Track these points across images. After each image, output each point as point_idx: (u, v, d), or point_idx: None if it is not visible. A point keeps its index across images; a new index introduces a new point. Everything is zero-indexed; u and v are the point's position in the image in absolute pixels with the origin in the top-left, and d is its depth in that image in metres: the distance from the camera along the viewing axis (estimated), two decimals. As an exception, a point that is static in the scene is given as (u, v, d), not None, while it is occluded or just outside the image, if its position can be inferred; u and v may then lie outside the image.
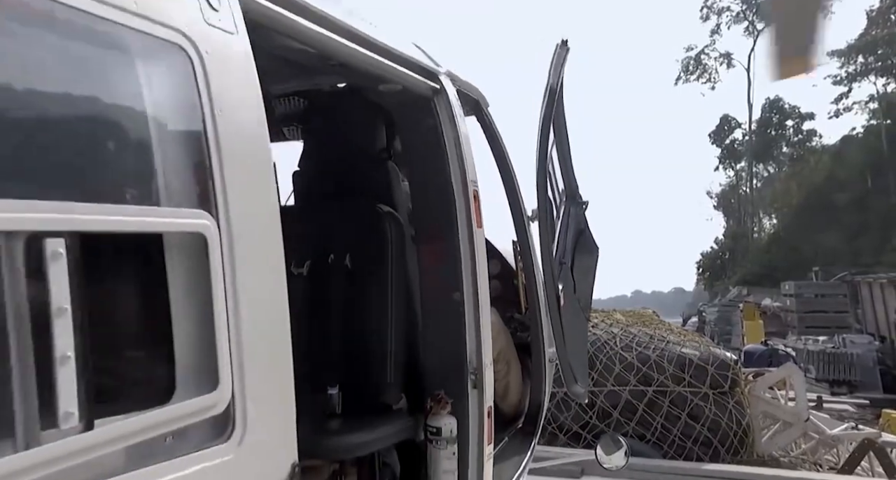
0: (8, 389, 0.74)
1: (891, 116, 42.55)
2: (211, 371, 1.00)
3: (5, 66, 0.82)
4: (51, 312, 0.77)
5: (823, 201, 44.06)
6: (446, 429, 1.96)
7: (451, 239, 2.02)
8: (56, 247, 0.77)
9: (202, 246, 1.00)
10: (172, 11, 1.01)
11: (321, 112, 2.22)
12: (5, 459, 0.71)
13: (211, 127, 1.05)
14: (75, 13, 0.86)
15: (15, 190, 0.77)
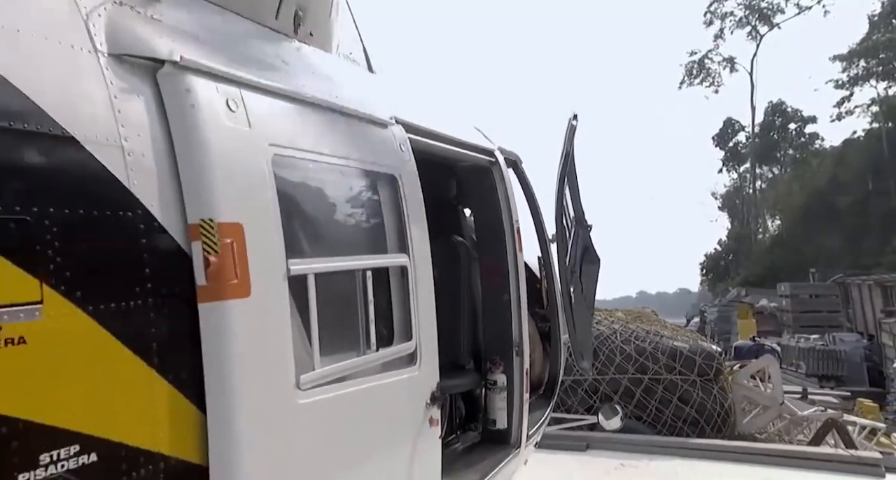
0: (358, 336, 1.86)
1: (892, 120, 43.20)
2: (409, 333, 2.11)
3: (327, 192, 1.93)
4: (367, 300, 1.89)
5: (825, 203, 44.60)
6: (500, 382, 3.06)
7: (501, 259, 3.14)
8: (366, 273, 1.89)
9: (404, 271, 2.11)
10: (390, 159, 2.13)
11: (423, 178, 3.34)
12: (359, 359, 1.83)
13: (405, 212, 2.16)
14: (349, 164, 1.97)
15: (345, 251, 1.88)
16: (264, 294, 1.48)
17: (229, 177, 1.43)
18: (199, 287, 1.36)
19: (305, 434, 1.59)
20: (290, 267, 1.58)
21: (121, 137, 1.26)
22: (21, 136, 1.12)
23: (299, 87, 1.79)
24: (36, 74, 1.16)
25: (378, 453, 1.96)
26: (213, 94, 1.45)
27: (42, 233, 1.10)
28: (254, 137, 1.52)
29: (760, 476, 6.15)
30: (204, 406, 1.36)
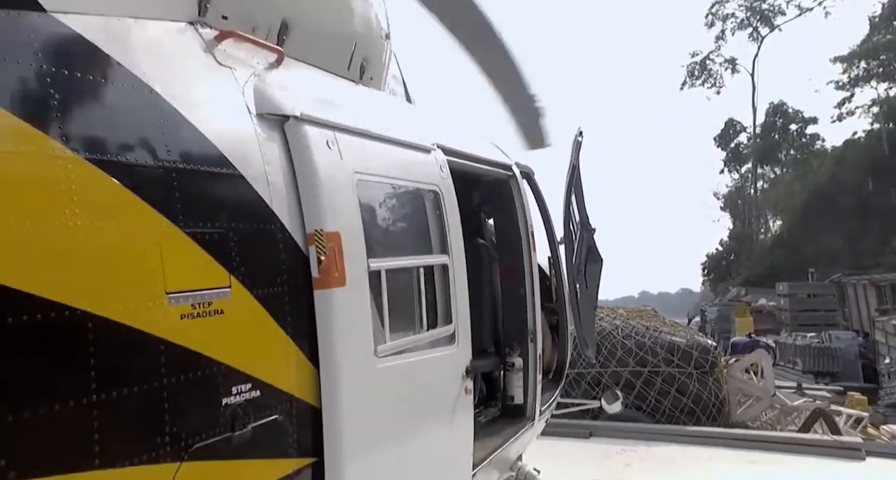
0: (413, 319, 2.40)
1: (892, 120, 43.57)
2: (449, 317, 2.65)
3: (391, 205, 2.46)
4: (420, 291, 2.43)
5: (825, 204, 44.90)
6: (517, 364, 3.60)
7: (518, 259, 3.68)
8: (419, 269, 2.43)
9: (446, 268, 2.65)
10: (433, 178, 2.66)
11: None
12: (415, 336, 2.37)
13: (446, 220, 2.70)
14: (405, 184, 2.50)
15: (404, 252, 2.42)
16: (354, 284, 2.00)
17: (331, 198, 1.95)
18: (315, 278, 1.88)
19: (380, 390, 2.12)
20: (369, 264, 2.10)
21: (266, 173, 1.79)
22: (212, 174, 1.64)
23: (369, 125, 2.32)
24: (218, 129, 1.68)
25: (429, 410, 2.49)
26: (318, 137, 1.97)
27: (229, 239, 1.63)
28: (344, 167, 2.05)
29: (749, 460, 6.68)
30: (318, 364, 1.88)
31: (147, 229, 1.43)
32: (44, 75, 1.30)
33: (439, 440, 2.60)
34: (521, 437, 3.59)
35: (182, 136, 1.57)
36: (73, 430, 1.26)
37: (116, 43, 1.48)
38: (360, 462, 1.97)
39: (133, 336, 1.36)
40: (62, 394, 1.24)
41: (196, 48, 1.78)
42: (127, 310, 1.35)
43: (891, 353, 13.87)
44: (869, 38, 44.80)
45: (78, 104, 1.36)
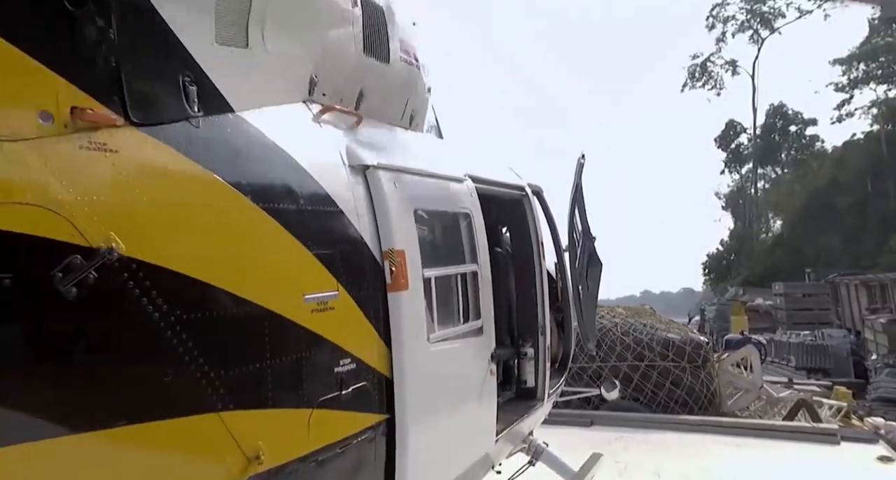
0: (453, 314, 3.12)
1: (891, 122, 44.10)
2: (478, 314, 3.36)
3: (437, 227, 3.17)
4: (458, 292, 3.14)
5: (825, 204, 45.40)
6: (529, 353, 4.30)
7: (529, 265, 4.38)
8: (457, 276, 3.14)
9: (475, 274, 3.36)
10: (466, 203, 3.37)
11: None
12: (454, 328, 3.08)
13: (475, 236, 3.39)
14: (446, 209, 3.21)
15: (446, 263, 3.13)
16: (413, 288, 2.69)
17: (397, 224, 2.64)
18: (388, 284, 2.57)
19: (431, 367, 2.80)
20: (423, 273, 2.79)
21: (355, 208, 2.48)
22: (324, 212, 2.33)
23: (419, 165, 3.01)
24: (327, 179, 2.37)
25: (464, 385, 3.18)
26: (388, 179, 2.66)
27: (337, 257, 2.32)
28: (406, 201, 2.74)
29: (736, 445, 7.38)
30: (390, 346, 2.57)
31: (292, 253, 2.13)
32: (236, 153, 2.01)
33: (472, 409, 3.30)
34: (533, 415, 4.29)
35: (307, 185, 2.26)
36: (258, 384, 1.96)
37: (269, 124, 2.17)
38: (418, 420, 2.66)
39: (287, 323, 2.06)
40: (256, 359, 1.95)
41: (309, 120, 2.47)
42: (284, 306, 2.05)
43: (878, 350, 14.55)
44: (868, 40, 45.28)
45: (250, 171, 2.05)
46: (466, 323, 3.23)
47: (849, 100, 46.41)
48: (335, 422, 2.26)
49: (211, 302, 1.82)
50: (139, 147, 1.71)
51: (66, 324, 1.51)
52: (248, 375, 1.93)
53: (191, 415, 1.76)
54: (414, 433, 2.63)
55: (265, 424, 1.97)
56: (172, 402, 1.73)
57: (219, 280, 1.84)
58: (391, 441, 2.56)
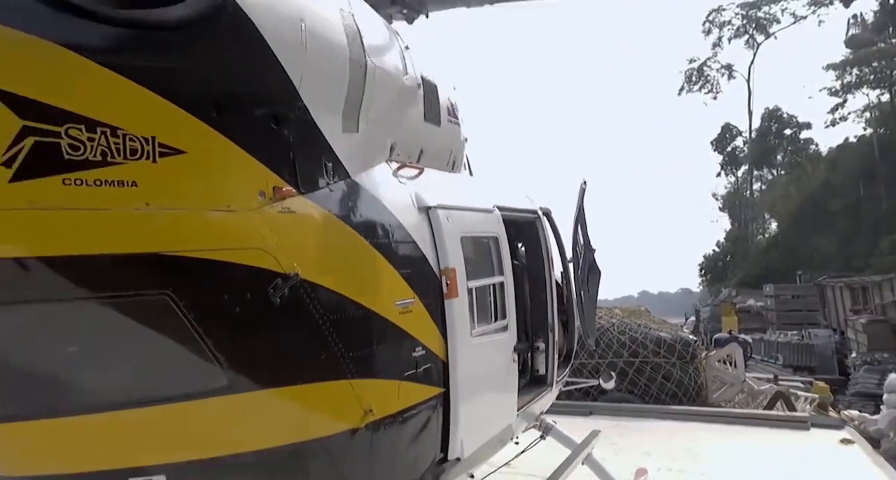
0: (487, 315, 4.11)
1: (883, 126, 45.17)
2: (505, 315, 4.35)
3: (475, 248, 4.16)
4: (490, 298, 4.14)
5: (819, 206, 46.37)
6: (541, 347, 5.29)
7: (540, 275, 5.37)
8: (488, 286, 4.14)
9: (502, 284, 4.36)
10: (495, 229, 4.37)
11: None
12: (488, 326, 4.08)
13: (501, 254, 4.39)
14: (481, 235, 4.20)
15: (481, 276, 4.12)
16: (462, 296, 3.66)
17: (451, 249, 3.61)
18: (445, 293, 3.54)
19: (474, 355, 3.77)
20: (467, 284, 3.76)
21: (423, 237, 3.45)
22: (405, 242, 3.31)
23: (462, 202, 4.00)
24: (405, 218, 3.34)
25: (495, 370, 4.16)
26: (444, 215, 3.63)
27: (413, 274, 3.29)
28: (455, 230, 3.71)
29: (718, 431, 8.41)
30: (446, 339, 3.54)
31: (388, 273, 3.11)
32: (352, 205, 3.00)
33: (500, 388, 4.27)
34: (544, 397, 5.27)
35: (393, 223, 3.23)
36: (371, 362, 2.94)
37: (369, 182, 3.15)
38: (464, 393, 3.63)
39: (386, 322, 3.04)
40: (370, 345, 2.93)
41: (390, 175, 3.45)
42: (385, 310, 3.02)
43: (859, 348, 15.60)
44: (861, 45, 46.26)
45: (362, 216, 3.02)
46: (496, 323, 4.20)
47: (842, 104, 47.55)
48: (413, 391, 3.24)
49: (346, 308, 2.80)
50: (304, 208, 2.68)
51: (275, 320, 2.49)
52: (365, 356, 2.91)
53: (334, 380, 2.75)
54: (462, 403, 3.61)
55: (374, 389, 2.94)
56: (325, 371, 2.71)
57: (350, 293, 2.81)
58: (447, 408, 3.54)
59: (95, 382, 2.21)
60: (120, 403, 2.23)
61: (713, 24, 50.70)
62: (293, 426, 2.62)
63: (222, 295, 2.35)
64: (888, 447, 9.82)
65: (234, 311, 2.38)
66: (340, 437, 2.79)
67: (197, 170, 2.31)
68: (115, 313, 2.17)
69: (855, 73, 46.62)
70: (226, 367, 2.34)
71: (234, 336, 2.39)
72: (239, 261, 2.39)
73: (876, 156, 44.51)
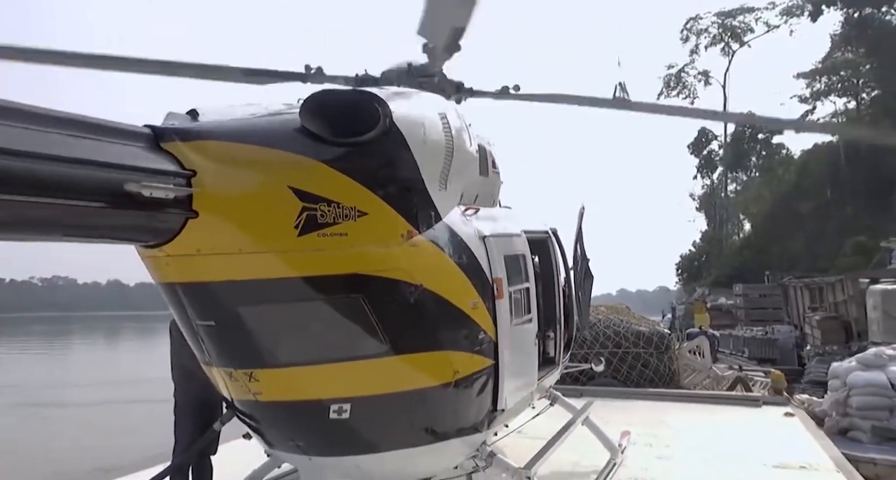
0: (521, 311, 5.85)
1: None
2: (530, 310, 6.08)
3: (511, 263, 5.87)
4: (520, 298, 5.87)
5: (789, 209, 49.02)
6: (551, 336, 7.02)
7: (551, 280, 7.11)
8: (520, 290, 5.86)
9: (528, 289, 6.08)
10: (523, 249, 6.10)
11: None
12: (520, 318, 5.82)
13: (528, 267, 6.13)
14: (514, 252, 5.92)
15: (515, 284, 5.85)
16: (506, 297, 5.33)
17: (497, 265, 5.27)
18: (496, 295, 5.20)
19: (514, 337, 5.45)
20: (508, 289, 5.44)
21: (483, 257, 5.10)
22: (473, 261, 4.96)
23: (502, 229, 5.68)
24: (472, 244, 4.99)
25: (525, 350, 5.85)
26: (493, 241, 5.28)
27: (477, 283, 4.95)
28: (500, 251, 5.37)
29: (687, 409, 10.26)
30: (497, 326, 5.20)
31: (466, 283, 4.77)
32: (445, 238, 4.65)
33: (528, 364, 5.96)
34: (552, 374, 6.99)
35: (466, 248, 4.88)
36: (458, 340, 4.60)
37: (451, 221, 4.80)
38: (507, 365, 5.30)
39: (466, 315, 4.68)
40: (457, 329, 4.59)
41: (461, 215, 5.08)
42: (466, 307, 4.68)
43: (813, 342, 17.73)
44: (830, 55, 48.98)
45: (450, 245, 4.68)
46: (525, 316, 5.89)
47: (811, 111, 50.16)
48: (479, 361, 4.91)
49: (445, 305, 4.47)
50: (422, 242, 4.32)
51: (411, 313, 4.15)
52: (454, 336, 4.58)
53: (438, 351, 4.42)
54: (505, 371, 5.29)
55: (458, 358, 4.60)
56: (434, 345, 4.38)
57: (447, 295, 4.49)
58: (497, 374, 5.21)
59: (321, 348, 3.89)
60: (332, 359, 3.91)
61: (691, 31, 53.19)
62: (417, 377, 4.31)
63: (387, 297, 4.03)
64: (830, 424, 11.79)
65: (393, 307, 4.06)
66: (442, 386, 4.48)
67: (374, 224, 3.97)
68: (336, 309, 3.84)
69: (824, 82, 49.17)
70: (387, 340, 4.02)
71: (393, 322, 4.07)
72: (394, 277, 4.07)
73: (842, 162, 47.04)
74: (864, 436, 11.14)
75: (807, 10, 48.32)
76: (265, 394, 3.95)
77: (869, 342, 14.28)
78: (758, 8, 52.04)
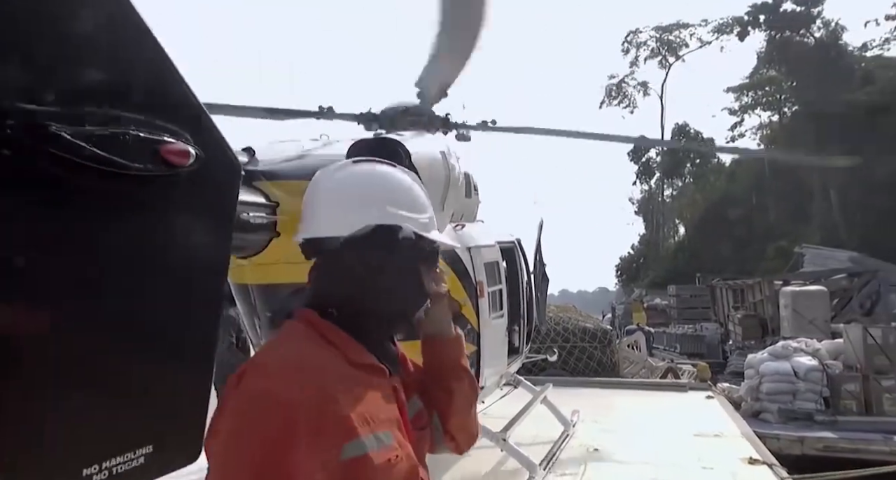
0: (495, 307, 7.29)
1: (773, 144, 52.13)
2: (502, 307, 7.51)
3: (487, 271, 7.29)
4: (495, 297, 7.31)
5: (719, 215, 52.72)
6: (516, 329, 8.47)
7: (516, 282, 8.56)
8: (494, 290, 7.30)
9: (501, 290, 7.52)
10: (496, 256, 7.52)
11: None
12: (494, 313, 7.25)
13: (501, 272, 7.56)
14: (489, 260, 7.33)
15: (492, 285, 7.27)
16: (486, 296, 6.70)
17: (479, 270, 6.63)
18: (479, 295, 6.55)
19: (492, 329, 6.82)
20: (487, 290, 6.80)
21: (469, 264, 6.46)
22: (462, 268, 6.31)
23: (482, 241, 7.05)
24: (461, 254, 6.35)
25: (499, 339, 7.23)
26: (476, 251, 6.65)
27: (466, 286, 6.30)
28: (482, 259, 6.74)
29: (626, 394, 11.94)
30: (479, 320, 6.55)
31: (458, 285, 6.10)
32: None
33: (501, 351, 7.35)
34: (516, 362, 8.43)
35: (457, 257, 6.23)
36: None
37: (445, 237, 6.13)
38: (486, 351, 6.67)
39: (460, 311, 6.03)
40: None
41: (453, 231, 6.43)
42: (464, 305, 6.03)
43: (735, 338, 20.04)
44: (756, 71, 53.06)
45: (446, 255, 5.99)
46: (498, 312, 7.29)
47: (739, 123, 54.10)
48: (468, 346, 6.26)
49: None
50: None
51: None
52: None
53: None
54: (485, 356, 6.66)
55: None
56: None
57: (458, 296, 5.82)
58: (479, 358, 6.58)
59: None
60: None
61: (631, 44, 56.40)
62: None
63: None
64: (745, 408, 13.80)
65: None
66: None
67: None
68: None
69: (750, 96, 53.18)
70: None
71: None
72: None
73: (766, 171, 51.00)
74: (771, 417, 13.17)
75: (735, 29, 52.20)
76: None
77: (780, 337, 16.49)
78: (692, 24, 55.83)
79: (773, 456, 7.18)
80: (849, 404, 12.72)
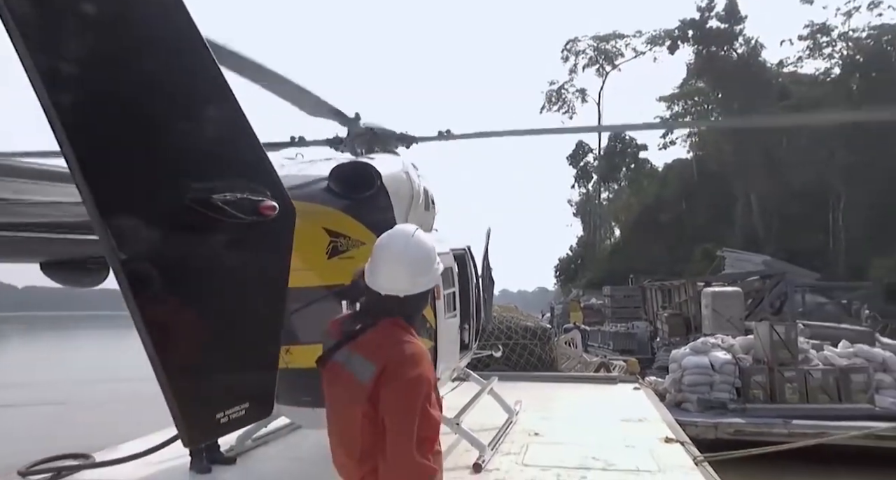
0: (451, 306, 8.24)
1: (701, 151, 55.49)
2: (455, 307, 8.46)
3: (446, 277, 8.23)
4: (451, 298, 8.26)
5: (652, 218, 55.57)
6: (467, 327, 9.43)
7: (467, 285, 9.53)
8: (450, 293, 8.25)
9: (455, 293, 8.46)
10: (451, 263, 8.46)
11: None
12: (449, 313, 8.20)
13: (456, 276, 8.50)
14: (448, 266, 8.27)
15: (447, 288, 8.19)
16: (442, 298, 7.58)
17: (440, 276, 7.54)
18: (435, 297, 7.42)
19: (447, 327, 7.69)
20: (443, 292, 7.70)
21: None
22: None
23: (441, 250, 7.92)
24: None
25: (453, 336, 8.13)
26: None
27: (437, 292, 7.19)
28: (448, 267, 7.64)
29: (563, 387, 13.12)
30: (437, 318, 7.42)
31: None
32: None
33: (454, 347, 8.25)
34: (466, 356, 9.37)
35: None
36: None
37: None
38: (442, 347, 7.55)
39: None
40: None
41: None
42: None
43: (662, 335, 21.78)
44: (685, 83, 56.26)
45: None
46: (452, 312, 8.19)
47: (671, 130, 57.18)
48: (427, 343, 7.13)
49: None
50: None
51: None
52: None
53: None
54: (441, 350, 7.54)
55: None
56: None
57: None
58: (436, 353, 7.45)
59: (335, 333, 5.99)
60: (342, 341, 6.03)
61: (570, 52, 58.75)
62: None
63: None
64: (669, 399, 15.27)
65: None
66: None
67: (369, 250, 6.11)
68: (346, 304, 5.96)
69: (681, 105, 56.33)
70: None
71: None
72: None
73: (695, 177, 54.12)
74: (691, 407, 14.67)
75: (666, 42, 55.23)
76: (293, 363, 5.93)
77: (702, 334, 18.18)
78: (627, 35, 58.68)
79: (687, 437, 8.41)
80: (757, 393, 14.37)
